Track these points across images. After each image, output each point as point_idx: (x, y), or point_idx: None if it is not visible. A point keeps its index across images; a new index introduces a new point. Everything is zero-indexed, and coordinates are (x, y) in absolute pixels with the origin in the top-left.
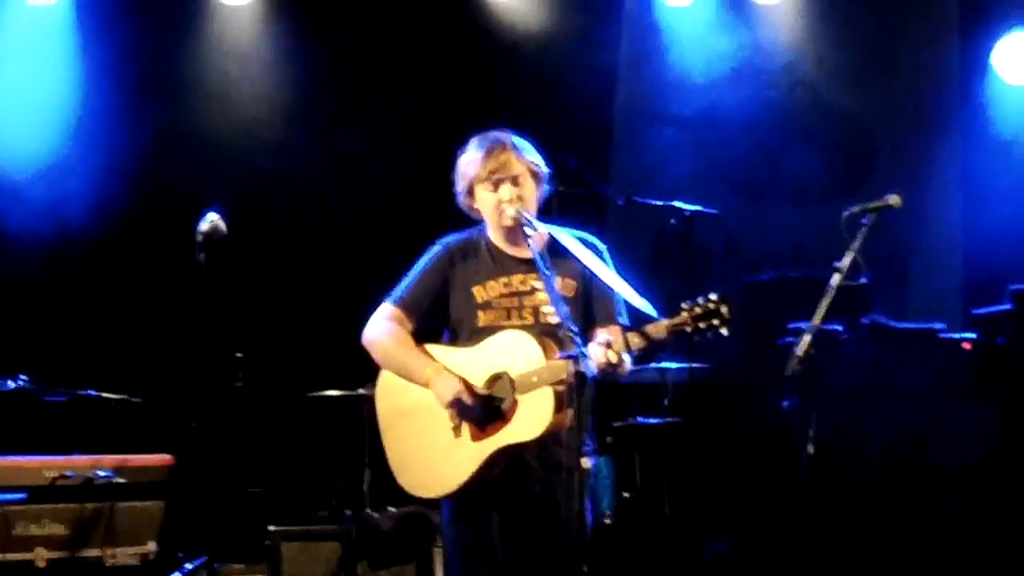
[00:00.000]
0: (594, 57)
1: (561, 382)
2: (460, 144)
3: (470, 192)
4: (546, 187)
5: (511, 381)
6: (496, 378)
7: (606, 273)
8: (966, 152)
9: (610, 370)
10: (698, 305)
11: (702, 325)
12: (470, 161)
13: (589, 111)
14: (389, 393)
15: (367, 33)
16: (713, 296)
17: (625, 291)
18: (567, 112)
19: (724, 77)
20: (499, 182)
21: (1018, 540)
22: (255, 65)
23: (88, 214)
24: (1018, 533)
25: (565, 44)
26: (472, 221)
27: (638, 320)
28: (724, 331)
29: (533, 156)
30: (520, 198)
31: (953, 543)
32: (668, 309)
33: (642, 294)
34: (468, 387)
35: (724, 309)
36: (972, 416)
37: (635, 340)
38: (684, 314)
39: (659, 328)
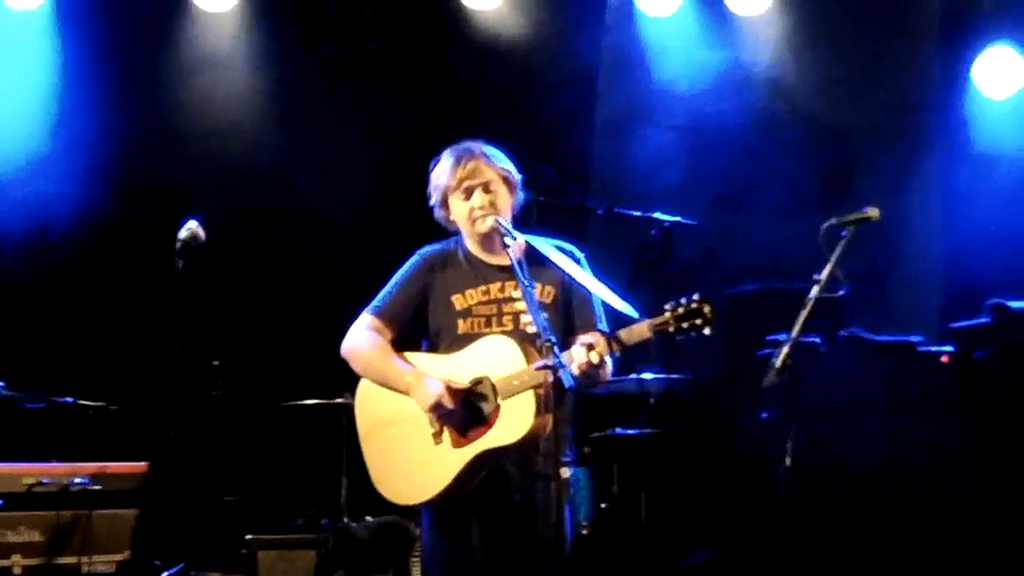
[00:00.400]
0: (575, 67)
1: (542, 385)
2: (440, 153)
3: (444, 203)
4: (520, 194)
5: (493, 385)
6: (478, 382)
7: (585, 278)
8: (946, 165)
9: (592, 372)
10: (681, 305)
11: (685, 324)
12: (441, 172)
13: (570, 121)
14: (369, 402)
15: (348, 41)
16: (696, 296)
17: (605, 294)
18: (548, 122)
19: (705, 88)
20: (470, 190)
21: (996, 551)
22: (235, 72)
23: (67, 220)
24: (996, 544)
25: (546, 54)
26: (451, 232)
27: (620, 324)
28: (707, 331)
29: (504, 163)
30: (493, 204)
31: (931, 556)
32: (649, 316)
33: (624, 300)
34: (449, 389)
35: (707, 309)
36: (950, 429)
37: (617, 342)
38: (667, 314)
39: (642, 328)
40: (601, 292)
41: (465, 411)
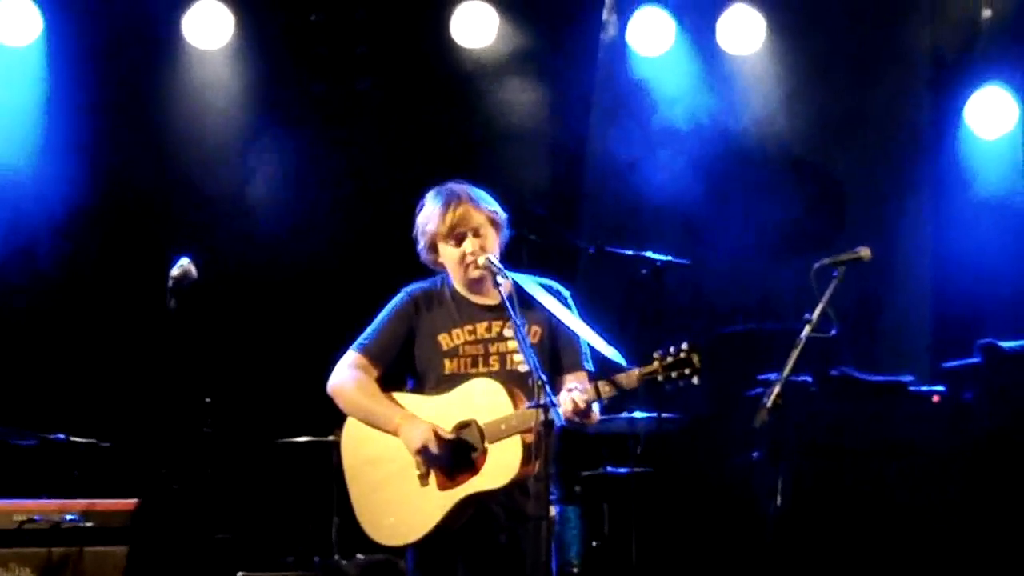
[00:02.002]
0: (566, 104)
1: (529, 430)
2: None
3: (433, 248)
4: (506, 232)
5: (480, 429)
6: (464, 426)
7: (572, 320)
8: (937, 205)
9: (578, 419)
10: (669, 354)
11: (673, 374)
12: (429, 218)
13: (561, 159)
14: (355, 442)
15: (340, 80)
16: (684, 345)
17: (592, 338)
18: (539, 161)
19: (696, 128)
20: (461, 236)
21: None
22: (226, 108)
23: (57, 255)
24: None
25: (537, 92)
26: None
27: (606, 368)
28: (695, 380)
29: (491, 204)
30: (483, 249)
31: None
32: (638, 358)
33: (611, 343)
34: (437, 433)
35: (695, 358)
36: (940, 469)
37: (605, 389)
38: (655, 363)
39: (630, 377)
40: (588, 336)
41: (452, 455)
